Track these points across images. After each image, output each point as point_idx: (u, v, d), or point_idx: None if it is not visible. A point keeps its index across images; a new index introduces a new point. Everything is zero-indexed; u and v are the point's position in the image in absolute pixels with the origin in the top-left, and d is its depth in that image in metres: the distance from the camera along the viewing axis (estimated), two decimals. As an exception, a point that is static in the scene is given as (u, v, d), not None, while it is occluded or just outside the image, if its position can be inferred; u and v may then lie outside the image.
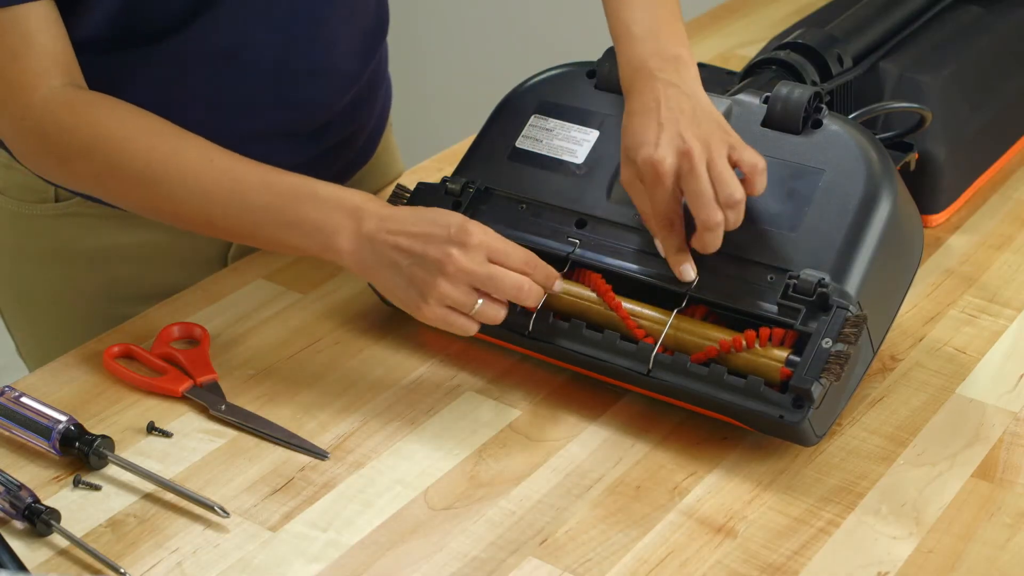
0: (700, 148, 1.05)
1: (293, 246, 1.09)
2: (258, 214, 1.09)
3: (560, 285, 1.10)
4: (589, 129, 1.17)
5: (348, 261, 1.07)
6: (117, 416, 1.09)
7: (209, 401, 1.10)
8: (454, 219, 1.05)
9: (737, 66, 1.49)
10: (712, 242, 1.06)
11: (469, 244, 1.04)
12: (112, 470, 1.03)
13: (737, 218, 1.06)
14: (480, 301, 1.06)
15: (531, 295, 1.07)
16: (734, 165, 1.06)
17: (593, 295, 1.11)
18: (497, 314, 1.07)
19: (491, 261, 1.05)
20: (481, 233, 1.05)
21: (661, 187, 1.06)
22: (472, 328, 1.07)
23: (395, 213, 1.07)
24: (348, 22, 1.27)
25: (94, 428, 1.06)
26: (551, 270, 1.09)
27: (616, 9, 1.16)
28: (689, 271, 1.08)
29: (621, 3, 1.16)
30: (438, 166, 1.45)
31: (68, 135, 1.10)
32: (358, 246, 1.06)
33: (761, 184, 1.07)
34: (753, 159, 1.06)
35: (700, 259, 1.08)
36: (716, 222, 1.05)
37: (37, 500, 0.97)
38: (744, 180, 1.06)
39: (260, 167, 1.10)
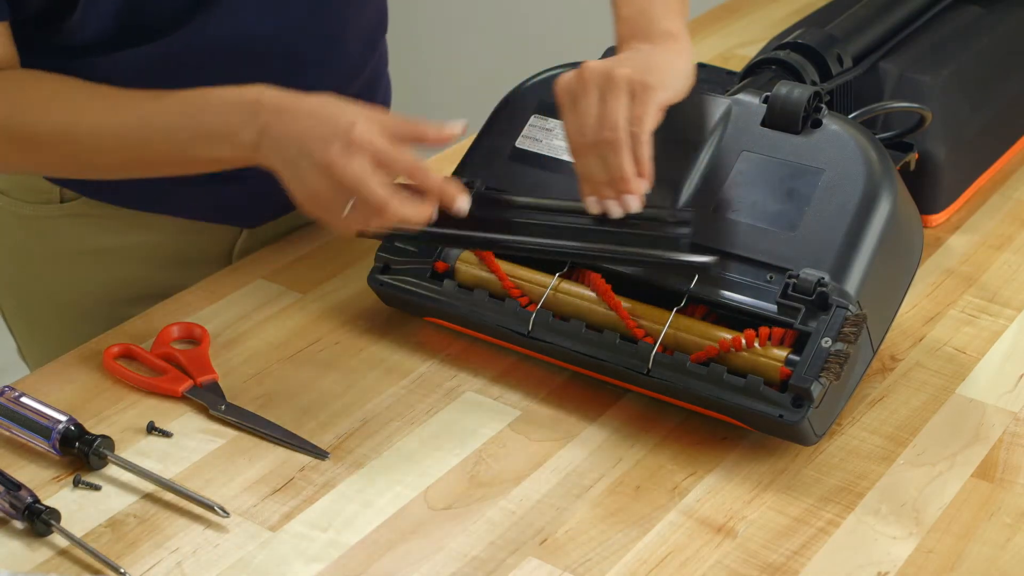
0: (596, 71, 1.05)
1: (208, 158, 1.08)
2: (168, 141, 1.08)
3: (465, 202, 1.04)
4: (589, 129, 1.17)
5: (259, 159, 1.05)
6: (117, 416, 1.09)
7: (209, 401, 1.10)
8: (346, 115, 1.02)
9: (737, 66, 1.49)
10: (586, 172, 1.05)
11: (351, 142, 1.01)
12: (112, 470, 1.03)
13: (615, 163, 1.03)
14: (351, 203, 1.01)
15: (394, 218, 1.02)
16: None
17: (593, 295, 1.11)
18: (366, 222, 1.02)
19: (377, 164, 1.01)
20: (367, 133, 1.01)
21: (559, 108, 1.07)
22: (341, 230, 1.03)
23: (291, 104, 1.04)
24: (350, 12, 1.27)
25: (94, 428, 1.06)
26: (436, 186, 1.03)
27: None
28: (593, 204, 1.05)
29: None
30: (438, 166, 1.45)
31: None
32: (258, 143, 1.04)
33: (632, 143, 1.04)
34: (641, 113, 1.04)
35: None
36: (583, 147, 1.04)
37: (37, 500, 0.97)
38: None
39: (159, 94, 1.10)
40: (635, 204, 1.04)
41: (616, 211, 1.05)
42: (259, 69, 1.21)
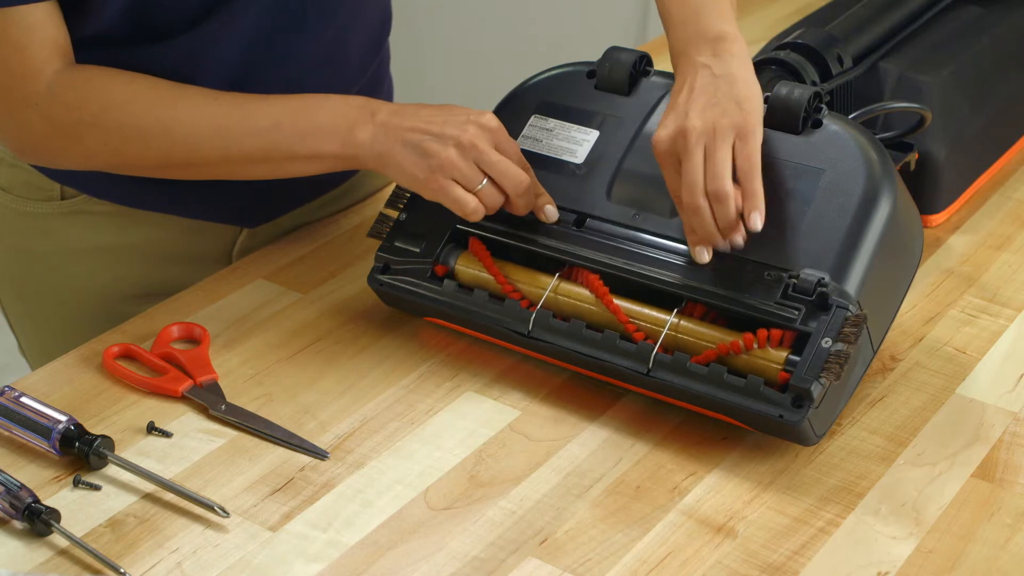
0: (700, 129, 1.05)
1: (311, 154, 1.13)
2: (273, 133, 1.13)
3: (554, 212, 1.13)
4: (589, 129, 1.17)
5: (366, 152, 1.11)
6: (117, 416, 1.09)
7: (209, 401, 1.10)
8: (471, 110, 1.11)
9: (737, 66, 1.49)
10: (697, 226, 1.06)
11: (486, 126, 1.10)
12: (112, 470, 1.03)
13: (724, 214, 1.05)
14: (485, 181, 1.09)
15: (527, 195, 1.11)
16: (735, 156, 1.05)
17: (592, 297, 1.11)
18: (496, 201, 1.10)
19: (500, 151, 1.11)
20: (497, 122, 1.10)
21: (662, 165, 1.08)
22: (476, 208, 1.10)
23: (405, 105, 1.12)
24: (358, 15, 1.27)
25: (94, 428, 1.06)
26: (546, 194, 1.13)
27: None
28: (702, 254, 1.07)
29: None
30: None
31: (76, 112, 1.13)
32: (374, 135, 1.10)
33: (749, 189, 1.05)
34: (749, 156, 1.05)
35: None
36: (694, 206, 1.05)
37: (37, 500, 0.97)
38: (736, 172, 1.05)
39: (262, 95, 1.14)
40: (741, 240, 1.06)
41: (724, 247, 1.07)
42: (265, 70, 1.21)
